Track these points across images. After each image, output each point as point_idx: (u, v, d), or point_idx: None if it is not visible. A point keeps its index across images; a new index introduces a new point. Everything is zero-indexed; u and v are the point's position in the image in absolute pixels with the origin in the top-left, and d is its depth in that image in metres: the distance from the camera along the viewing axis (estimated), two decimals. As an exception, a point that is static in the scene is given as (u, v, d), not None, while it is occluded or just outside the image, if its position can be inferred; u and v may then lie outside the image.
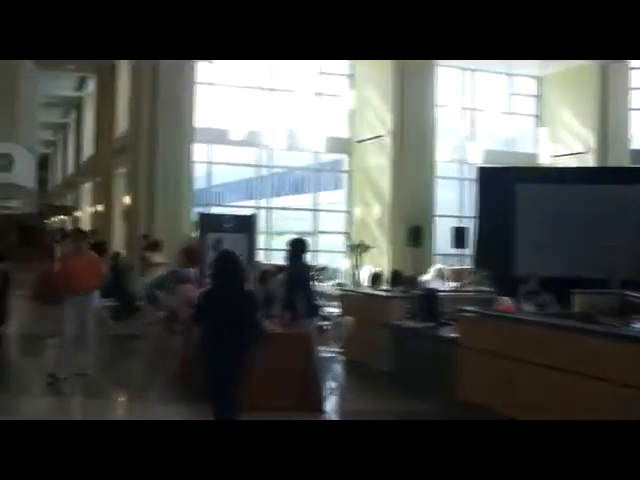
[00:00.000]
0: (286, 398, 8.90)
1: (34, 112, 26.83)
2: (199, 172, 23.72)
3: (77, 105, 38.30)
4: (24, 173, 23.37)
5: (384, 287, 14.37)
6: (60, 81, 32.05)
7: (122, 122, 25.30)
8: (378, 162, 23.89)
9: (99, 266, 11.11)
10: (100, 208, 28.91)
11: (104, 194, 28.18)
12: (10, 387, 10.53)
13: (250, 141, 22.49)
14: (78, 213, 39.54)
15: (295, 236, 10.17)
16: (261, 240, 23.81)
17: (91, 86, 32.57)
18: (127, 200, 23.06)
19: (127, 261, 18.22)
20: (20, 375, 11.59)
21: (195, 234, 18.31)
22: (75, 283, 10.52)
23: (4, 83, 21.12)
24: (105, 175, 27.88)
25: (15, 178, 21.94)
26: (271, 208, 25.41)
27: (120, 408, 10.13)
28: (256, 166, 24.99)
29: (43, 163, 54.98)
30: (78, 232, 11.80)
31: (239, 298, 7.04)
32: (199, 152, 22.61)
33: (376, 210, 23.93)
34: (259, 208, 24.66)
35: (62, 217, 46.47)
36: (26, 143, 23.43)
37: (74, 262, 10.71)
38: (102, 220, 28.32)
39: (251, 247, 16.67)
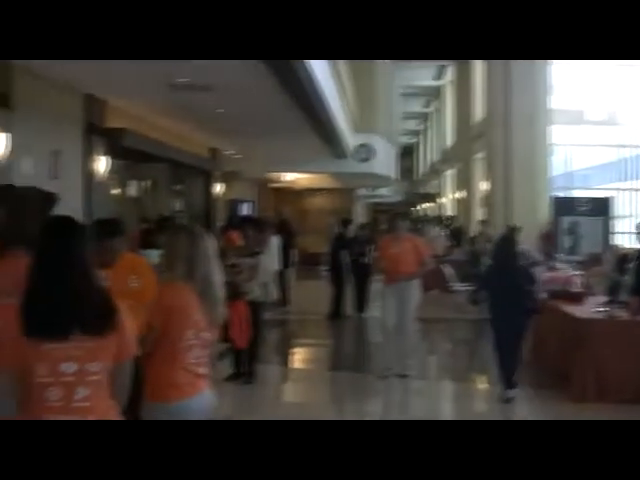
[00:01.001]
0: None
1: (393, 103, 27.82)
2: (559, 155, 23.10)
3: (437, 94, 39.10)
4: (385, 163, 24.34)
5: None
6: (420, 71, 32.92)
7: (479, 108, 25.43)
8: None
9: (422, 252, 10.11)
10: (461, 194, 29.31)
11: (464, 180, 28.53)
12: (364, 368, 10.98)
13: (610, 120, 21.52)
14: (442, 200, 40.39)
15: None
16: (626, 223, 22.70)
17: (449, 74, 33.10)
18: (485, 186, 23.15)
19: (483, 246, 18.26)
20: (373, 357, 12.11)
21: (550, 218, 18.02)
22: (394, 269, 9.85)
23: (363, 77, 22.14)
24: (465, 161, 28.22)
25: (376, 168, 22.91)
26: (637, 190, 24.05)
27: (477, 392, 10.10)
28: (619, 146, 23.76)
29: (409, 152, 56.88)
30: (399, 216, 10.56)
31: (514, 274, 8.51)
32: (557, 134, 22.03)
33: None
34: (623, 190, 23.49)
35: (427, 204, 47.76)
36: (386, 134, 24.37)
37: (394, 247, 9.95)
38: (463, 206, 28.72)
39: (606, 230, 16.01)
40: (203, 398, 4.14)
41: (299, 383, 10.52)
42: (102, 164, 11.62)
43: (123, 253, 5.41)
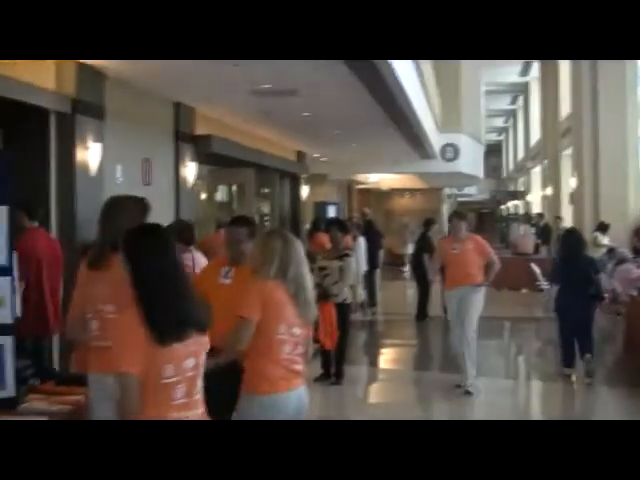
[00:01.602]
0: None
1: (479, 101, 27.59)
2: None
3: (524, 90, 38.59)
4: (471, 162, 24.18)
5: None
6: (506, 68, 32.52)
7: (566, 103, 25.01)
8: None
9: (485, 252, 9.14)
10: (548, 191, 28.90)
11: (552, 177, 28.12)
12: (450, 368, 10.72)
13: None
14: (529, 197, 39.86)
15: None
16: None
17: (535, 70, 32.64)
18: (573, 182, 22.78)
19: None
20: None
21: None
22: (455, 271, 9.19)
23: (448, 76, 22.09)
24: (552, 158, 27.80)
25: (462, 167, 22.79)
26: None
27: (566, 392, 9.72)
28: None
29: (496, 150, 56.24)
30: (457, 215, 9.75)
31: (579, 264, 9.28)
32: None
33: None
34: None
35: (515, 202, 47.17)
36: (473, 132, 24.21)
37: (454, 248, 9.17)
38: (551, 203, 28.29)
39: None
40: (296, 395, 4.29)
41: (386, 383, 10.56)
42: (191, 170, 11.89)
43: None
